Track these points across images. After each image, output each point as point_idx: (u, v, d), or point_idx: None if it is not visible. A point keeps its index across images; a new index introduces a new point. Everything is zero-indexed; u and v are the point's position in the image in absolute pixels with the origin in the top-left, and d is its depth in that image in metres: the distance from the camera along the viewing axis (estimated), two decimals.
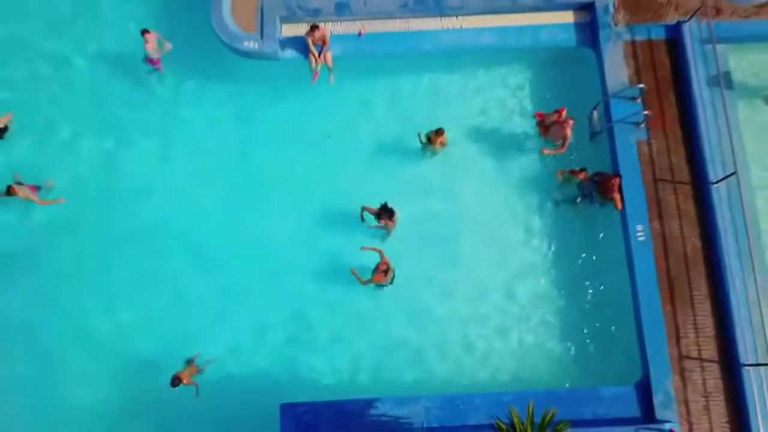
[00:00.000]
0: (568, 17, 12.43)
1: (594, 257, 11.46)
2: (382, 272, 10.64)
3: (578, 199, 11.62)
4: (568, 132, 11.40)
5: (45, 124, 12.38)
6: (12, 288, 11.49)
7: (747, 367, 10.27)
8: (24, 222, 11.81)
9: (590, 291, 11.32)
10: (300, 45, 12.12)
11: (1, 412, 10.98)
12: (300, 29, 12.12)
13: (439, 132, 11.22)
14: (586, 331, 11.11)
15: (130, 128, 12.37)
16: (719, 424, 10.30)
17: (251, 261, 11.63)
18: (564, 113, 11.33)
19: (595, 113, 11.85)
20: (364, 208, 11.17)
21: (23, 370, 11.18)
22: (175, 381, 10.44)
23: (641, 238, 11.00)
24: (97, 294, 11.45)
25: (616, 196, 10.99)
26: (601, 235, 11.54)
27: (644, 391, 10.43)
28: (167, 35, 12.14)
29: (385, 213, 10.89)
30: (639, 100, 11.64)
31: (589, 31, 12.28)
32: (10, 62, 12.83)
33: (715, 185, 11.09)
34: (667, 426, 10.07)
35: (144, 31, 11.85)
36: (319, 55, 11.94)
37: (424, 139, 11.41)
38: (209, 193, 12.10)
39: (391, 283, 10.98)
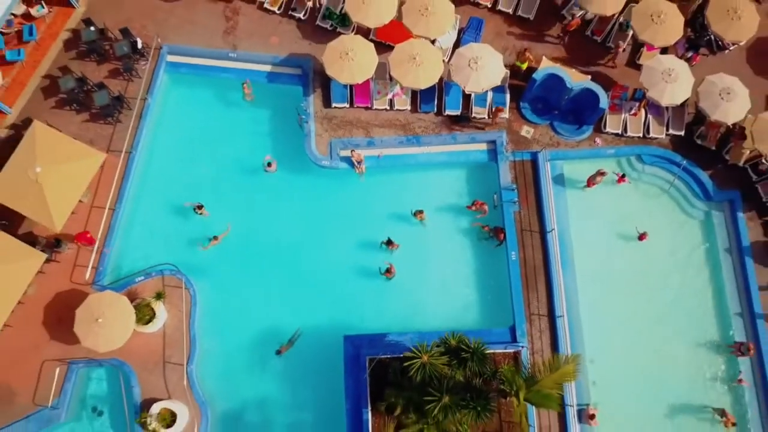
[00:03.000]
0: (483, 147, 24.65)
1: (492, 267, 23.59)
2: (389, 272, 22.81)
3: (487, 239, 23.81)
4: (486, 208, 23.62)
5: (223, 204, 24.42)
6: (210, 285, 23.59)
7: (558, 317, 22.43)
8: (213, 254, 23.80)
9: (490, 284, 23.45)
10: (349, 161, 24.30)
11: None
12: (349, 153, 24.28)
13: (419, 211, 23.47)
14: (486, 303, 23.26)
15: (262, 204, 24.46)
16: (546, 344, 22.38)
17: (325, 268, 23.71)
18: (479, 203, 23.52)
19: (495, 197, 24.04)
20: (383, 242, 23.33)
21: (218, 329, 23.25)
22: (278, 352, 22.43)
23: (514, 258, 23.16)
24: (250, 290, 23.54)
25: (501, 239, 23.18)
26: (497, 256, 23.64)
27: (512, 330, 22.48)
28: (281, 157, 24.33)
29: (390, 242, 23.09)
30: (515, 191, 23.84)
31: (494, 154, 24.48)
32: (198, 170, 24.95)
33: (549, 233, 23.29)
34: (520, 344, 22.12)
35: (269, 162, 24.02)
36: (358, 166, 24.11)
37: (412, 214, 23.61)
38: (297, 236, 24.18)
39: (393, 277, 23.10)
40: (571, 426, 21.73)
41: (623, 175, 23.94)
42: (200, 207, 23.56)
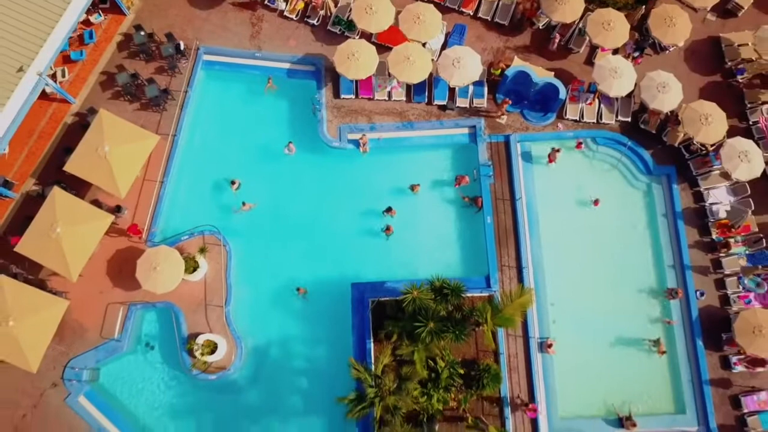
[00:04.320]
0: (465, 130, 29.90)
1: (472, 228, 28.87)
2: (388, 230, 28.14)
3: (468, 206, 29.10)
4: (467, 180, 28.91)
5: (251, 178, 29.68)
6: (242, 242, 28.91)
7: (524, 268, 27.77)
8: (244, 218, 29.10)
9: (470, 241, 28.74)
10: (355, 143, 29.53)
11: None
12: (357, 136, 29.51)
13: (415, 185, 28.77)
14: (466, 256, 28.55)
15: (283, 178, 29.73)
16: (508, 286, 27.60)
17: (335, 230, 29.00)
18: (463, 178, 28.77)
19: (475, 171, 29.29)
20: (384, 211, 28.64)
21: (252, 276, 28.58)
22: (298, 289, 27.77)
23: (489, 221, 28.45)
24: (278, 245, 28.88)
25: (479, 206, 28.48)
26: (476, 219, 28.91)
27: (487, 278, 27.79)
28: (298, 140, 29.60)
29: (389, 209, 28.42)
30: (491, 167, 29.12)
31: (474, 136, 29.74)
32: (231, 151, 30.21)
33: (518, 201, 28.59)
34: (493, 289, 27.42)
35: (289, 142, 29.29)
36: (363, 146, 29.36)
37: (409, 187, 28.89)
38: (312, 204, 29.45)
39: (391, 235, 28.41)
40: (534, 354, 27.07)
41: (581, 142, 29.20)
42: (233, 183, 28.74)
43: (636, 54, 30.08)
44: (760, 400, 26.39)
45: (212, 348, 26.73)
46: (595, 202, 28.80)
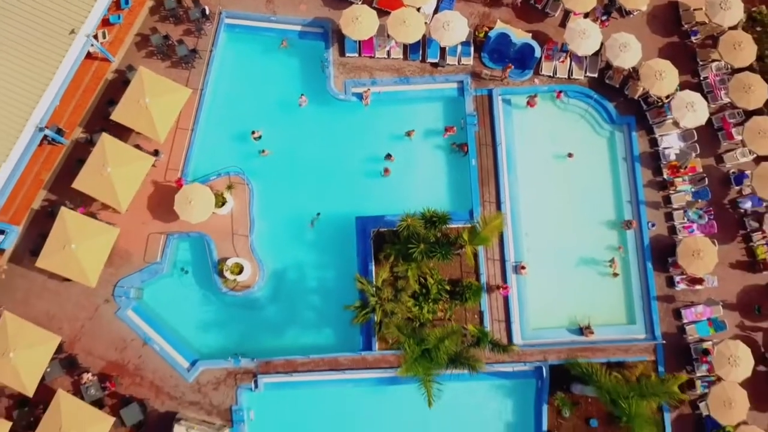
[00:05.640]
0: (454, 85, 34.38)
1: (458, 169, 33.66)
2: (387, 171, 33.00)
3: (455, 151, 33.84)
4: (455, 130, 33.57)
5: (268, 127, 34.30)
6: (263, 183, 33.75)
7: (502, 203, 32.66)
8: (264, 161, 33.86)
9: (457, 181, 33.56)
10: (359, 96, 34.08)
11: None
12: (362, 90, 34.01)
13: (410, 131, 33.45)
14: (453, 193, 33.43)
15: (298, 130, 34.37)
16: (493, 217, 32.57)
17: (342, 171, 33.81)
18: (451, 129, 33.42)
19: (462, 120, 33.89)
20: (384, 157, 33.41)
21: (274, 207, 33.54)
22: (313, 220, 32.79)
23: (473, 164, 33.20)
24: (292, 184, 33.75)
25: (465, 151, 33.19)
26: (462, 162, 33.65)
27: (470, 212, 32.68)
28: (309, 93, 34.14)
29: (388, 156, 33.20)
30: (476, 117, 33.72)
31: (461, 90, 34.25)
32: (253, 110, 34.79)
33: (498, 146, 33.29)
34: (475, 221, 32.28)
35: (301, 95, 33.83)
36: (365, 99, 33.92)
37: (405, 134, 33.57)
38: (322, 150, 34.18)
39: (389, 176, 33.26)
40: (509, 274, 32.18)
41: (560, 92, 33.72)
42: (253, 132, 33.40)
43: (604, 18, 34.34)
44: (697, 312, 31.59)
45: (240, 269, 31.81)
46: (570, 155, 33.46)
